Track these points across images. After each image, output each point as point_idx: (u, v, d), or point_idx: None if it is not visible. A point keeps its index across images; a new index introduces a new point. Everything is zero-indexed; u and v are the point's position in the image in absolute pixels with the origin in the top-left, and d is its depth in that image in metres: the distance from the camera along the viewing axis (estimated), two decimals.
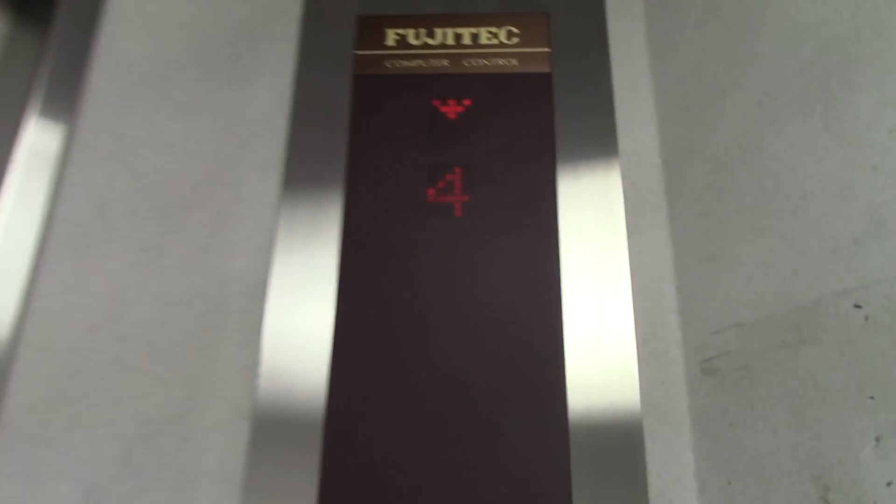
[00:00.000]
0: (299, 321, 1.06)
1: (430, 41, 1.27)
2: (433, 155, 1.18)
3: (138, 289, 1.04)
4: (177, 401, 1.03)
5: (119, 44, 1.17)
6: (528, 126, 1.19)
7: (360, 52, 1.25)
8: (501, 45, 1.26)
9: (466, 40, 1.26)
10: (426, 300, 1.08)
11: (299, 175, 1.16)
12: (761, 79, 1.02)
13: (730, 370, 0.95)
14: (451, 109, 1.21)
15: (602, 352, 1.02)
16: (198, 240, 1.08)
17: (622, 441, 1.01)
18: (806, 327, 0.86)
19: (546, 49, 1.24)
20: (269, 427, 1.03)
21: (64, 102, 1.13)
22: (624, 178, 1.12)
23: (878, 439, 0.77)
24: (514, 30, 1.27)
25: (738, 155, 1.02)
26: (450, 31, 1.27)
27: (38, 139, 1.09)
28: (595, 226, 1.11)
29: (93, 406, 0.99)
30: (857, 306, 0.81)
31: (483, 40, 1.26)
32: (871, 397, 0.78)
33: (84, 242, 1.06)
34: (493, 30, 1.27)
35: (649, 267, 1.06)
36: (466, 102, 1.21)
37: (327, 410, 1.04)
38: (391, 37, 1.27)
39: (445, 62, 1.25)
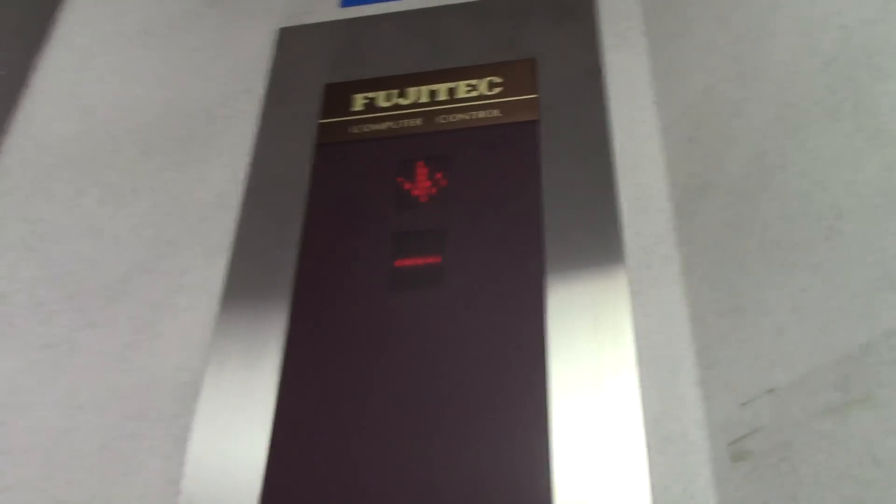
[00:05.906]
0: (232, 431, 0.87)
1: (401, 101, 1.12)
2: (401, 222, 1.01)
3: (36, 392, 0.89)
4: None
5: (40, 124, 1.08)
6: (510, 179, 1.01)
7: (325, 121, 1.11)
8: (482, 96, 1.10)
9: (442, 96, 1.11)
10: (386, 398, 0.88)
11: (247, 258, 1.00)
12: (778, 88, 0.83)
13: (765, 451, 0.71)
14: (423, 170, 1.05)
15: (599, 442, 0.79)
16: (121, 335, 0.93)
17: None
18: (854, 382, 0.63)
19: (533, 95, 1.08)
20: None
21: None
22: (627, 228, 0.92)
23: None
24: (497, 80, 1.11)
25: (757, 181, 0.82)
26: (424, 89, 1.12)
27: None
28: (589, 288, 0.90)
29: None
30: None
31: (461, 94, 1.11)
32: None
33: None
34: (473, 82, 1.11)
35: (659, 330, 0.84)
36: (439, 161, 1.05)
37: None
38: (359, 101, 1.13)
39: (418, 121, 1.09)
